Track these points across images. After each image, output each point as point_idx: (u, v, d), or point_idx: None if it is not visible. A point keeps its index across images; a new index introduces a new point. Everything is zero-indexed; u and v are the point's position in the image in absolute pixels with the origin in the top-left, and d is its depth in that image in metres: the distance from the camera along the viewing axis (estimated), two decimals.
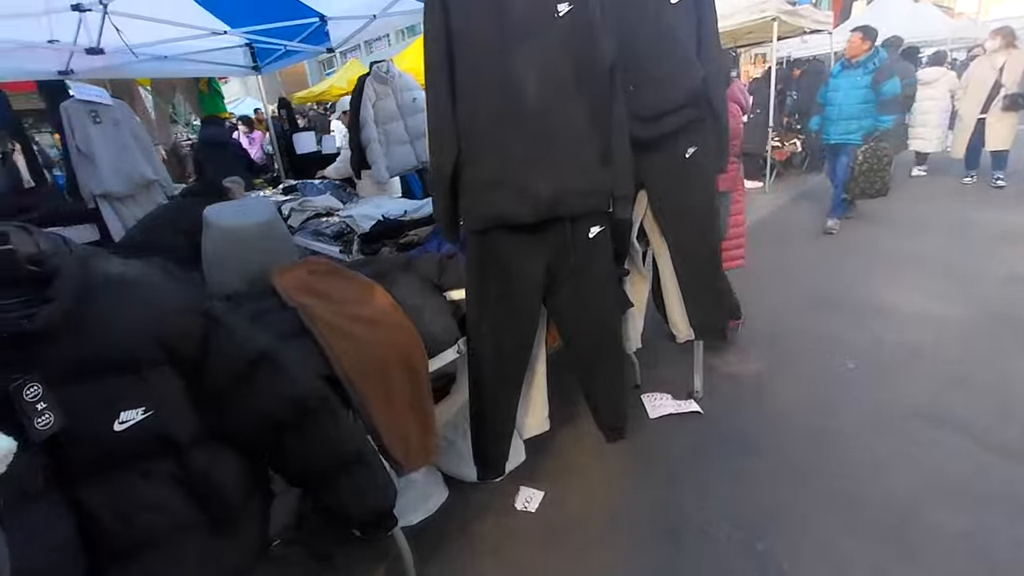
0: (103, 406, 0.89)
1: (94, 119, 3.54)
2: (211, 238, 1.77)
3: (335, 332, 1.30)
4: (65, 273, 0.86)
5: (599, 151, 1.47)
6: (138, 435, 0.91)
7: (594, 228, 1.57)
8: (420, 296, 1.53)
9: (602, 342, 1.74)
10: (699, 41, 1.71)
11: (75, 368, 0.87)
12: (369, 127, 3.40)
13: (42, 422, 0.83)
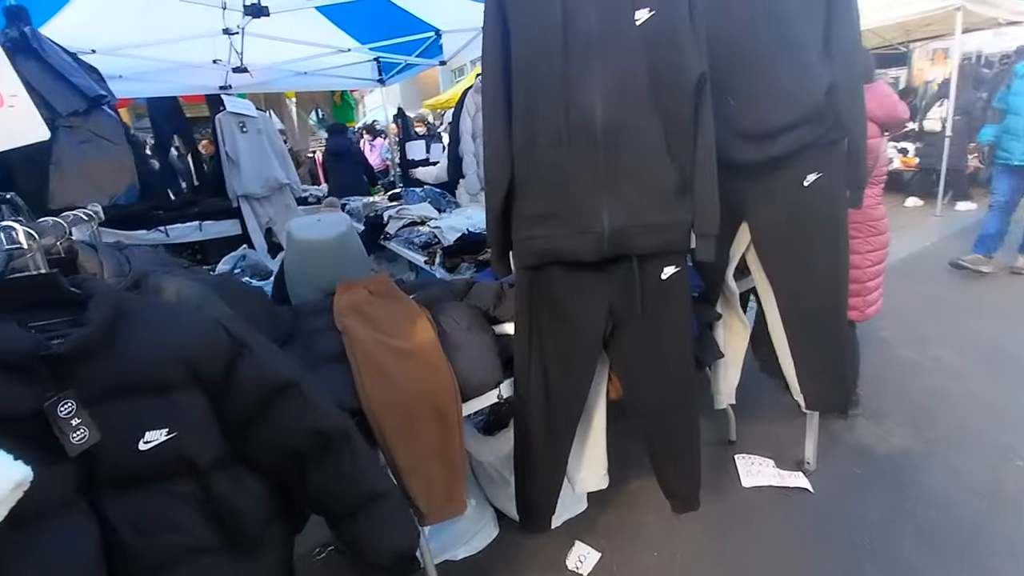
0: (130, 425, 0.91)
1: (241, 128, 4.04)
2: (290, 251, 1.85)
3: (370, 364, 1.25)
4: (98, 298, 0.89)
5: (678, 180, 1.24)
6: (161, 455, 0.92)
7: (668, 268, 1.33)
8: (467, 330, 1.42)
9: (672, 400, 1.49)
10: (827, 39, 1.37)
11: (106, 387, 0.90)
12: (466, 139, 3.42)
13: (77, 437, 0.86)
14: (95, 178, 1.91)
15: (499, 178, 1.26)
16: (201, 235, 4.70)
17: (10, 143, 0.85)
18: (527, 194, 1.26)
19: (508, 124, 1.23)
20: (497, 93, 1.22)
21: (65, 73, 1.78)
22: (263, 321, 1.43)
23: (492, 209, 1.29)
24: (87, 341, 0.86)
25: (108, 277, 1.05)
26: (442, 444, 1.25)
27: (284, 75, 4.53)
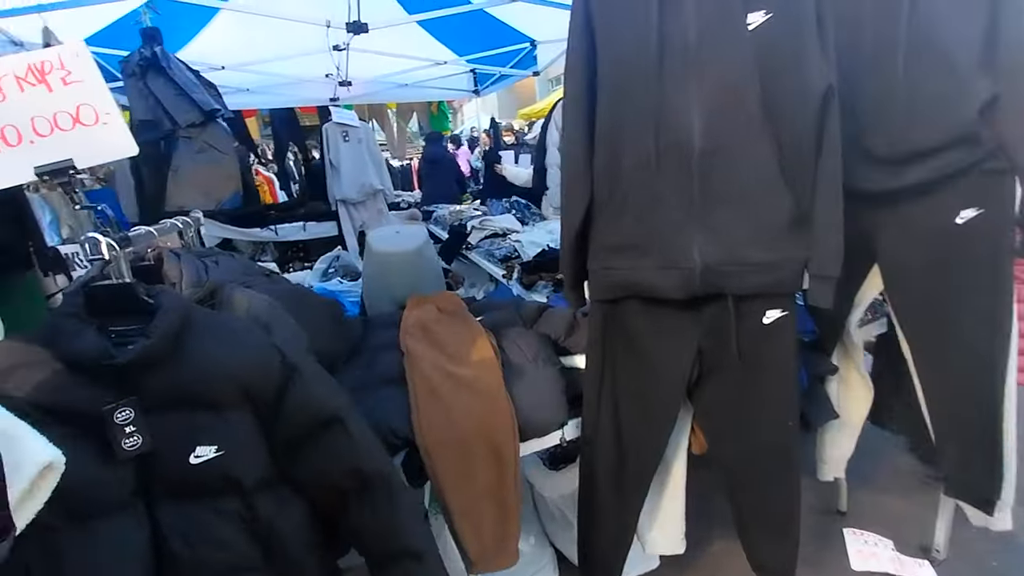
0: (183, 438, 0.93)
1: (344, 137, 4.29)
2: (367, 262, 1.87)
3: (427, 391, 1.19)
4: (164, 311, 0.91)
5: (793, 210, 1.05)
6: (210, 472, 0.93)
7: (772, 312, 1.13)
8: (532, 360, 1.32)
9: (767, 462, 1.27)
10: (989, 39, 1.09)
11: (165, 398, 0.92)
12: (552, 151, 3.32)
13: (129, 443, 0.89)
14: (206, 185, 2.07)
15: (576, 201, 1.14)
16: (305, 235, 5.07)
17: (102, 158, 0.89)
18: (607, 220, 1.13)
19: (590, 142, 1.11)
20: (579, 108, 1.11)
21: (187, 89, 1.96)
22: (330, 334, 1.43)
23: (567, 235, 1.17)
24: (148, 353, 0.88)
25: (186, 286, 1.08)
26: (497, 487, 1.16)
27: (386, 87, 4.76)
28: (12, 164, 0.86)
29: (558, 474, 1.83)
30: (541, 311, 1.60)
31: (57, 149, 0.88)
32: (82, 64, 0.86)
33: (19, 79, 0.83)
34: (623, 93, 1.07)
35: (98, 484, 0.89)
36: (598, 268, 1.17)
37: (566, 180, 1.16)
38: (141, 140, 2.15)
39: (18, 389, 0.86)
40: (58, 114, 0.86)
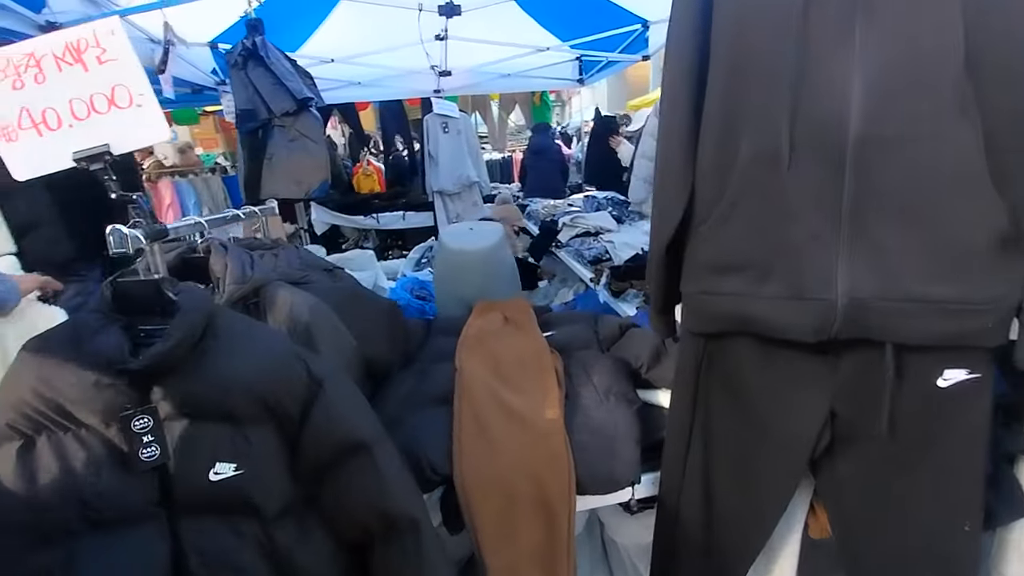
0: (202, 452, 0.86)
1: (444, 129, 4.29)
2: (438, 259, 1.75)
3: (474, 423, 1.02)
4: (184, 314, 0.84)
5: (1001, 227, 0.70)
6: (228, 491, 0.86)
7: (954, 372, 0.79)
8: (603, 396, 1.08)
9: (926, 570, 0.91)
10: None
11: (184, 407, 0.86)
12: (646, 140, 2.96)
13: (146, 454, 0.83)
14: (297, 173, 2.09)
15: (670, 203, 0.87)
16: (404, 224, 5.24)
17: (137, 143, 0.84)
18: (710, 230, 0.85)
19: (693, 126, 0.84)
20: (683, 83, 0.83)
21: (283, 78, 1.98)
22: (385, 339, 1.32)
23: (656, 246, 0.91)
24: (162, 359, 0.80)
25: (229, 282, 1.01)
26: (546, 550, 0.95)
27: (488, 77, 4.67)
28: (52, 149, 0.82)
29: (634, 519, 1.57)
30: (623, 329, 1.35)
31: (94, 134, 0.82)
32: (118, 42, 0.80)
33: (57, 58, 0.79)
34: (745, 58, 0.78)
35: (120, 492, 0.84)
36: (695, 292, 0.89)
37: (659, 175, 0.90)
38: (242, 129, 2.26)
39: (43, 389, 0.83)
40: (95, 96, 0.81)
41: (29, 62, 0.78)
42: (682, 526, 1.01)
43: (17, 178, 0.84)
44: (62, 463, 0.81)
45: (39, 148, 0.82)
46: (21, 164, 0.83)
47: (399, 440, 1.03)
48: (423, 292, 1.93)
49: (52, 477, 0.81)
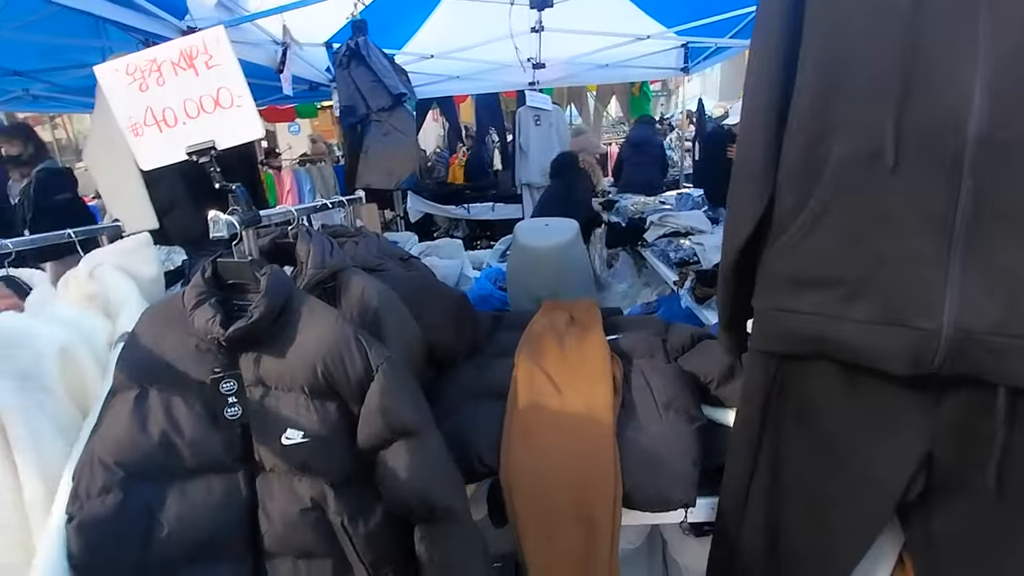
0: (275, 417, 0.96)
1: (535, 122, 4.30)
2: (512, 253, 1.76)
3: (524, 421, 1.01)
4: (266, 293, 0.92)
5: None
6: (296, 456, 0.95)
7: None
8: (662, 408, 1.02)
9: None
10: None
11: (264, 376, 0.96)
12: None
13: (230, 413, 0.94)
14: (389, 165, 2.22)
15: (744, 206, 0.79)
16: (493, 215, 5.35)
17: (235, 140, 0.93)
18: (791, 239, 0.76)
19: (777, 128, 0.75)
20: (766, 77, 0.75)
21: (380, 75, 2.10)
22: (452, 329, 1.36)
23: (728, 254, 0.84)
24: (244, 332, 0.90)
25: (310, 267, 1.10)
26: (583, 557, 0.92)
27: (585, 68, 4.58)
28: (170, 144, 0.94)
29: (698, 542, 1.48)
30: (695, 340, 1.26)
31: (203, 130, 0.93)
32: (222, 49, 0.89)
33: (174, 64, 0.90)
34: (844, 49, 0.68)
35: (209, 444, 0.96)
36: (768, 308, 0.81)
37: (736, 179, 0.82)
38: (343, 124, 2.44)
39: (157, 348, 0.97)
40: (203, 97, 0.91)
41: (152, 67, 0.91)
42: (740, 559, 0.93)
43: (143, 168, 0.98)
44: (166, 413, 0.95)
45: (160, 142, 0.95)
46: (146, 156, 0.97)
47: (453, 428, 1.06)
48: (506, 283, 1.96)
49: (157, 424, 0.94)
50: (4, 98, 3.61)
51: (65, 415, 1.09)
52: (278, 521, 0.97)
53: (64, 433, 1.07)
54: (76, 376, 1.12)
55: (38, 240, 1.32)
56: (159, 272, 1.44)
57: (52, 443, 0.98)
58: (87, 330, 1.19)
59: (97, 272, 1.29)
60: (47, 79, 3.35)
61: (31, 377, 1.07)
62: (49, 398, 1.07)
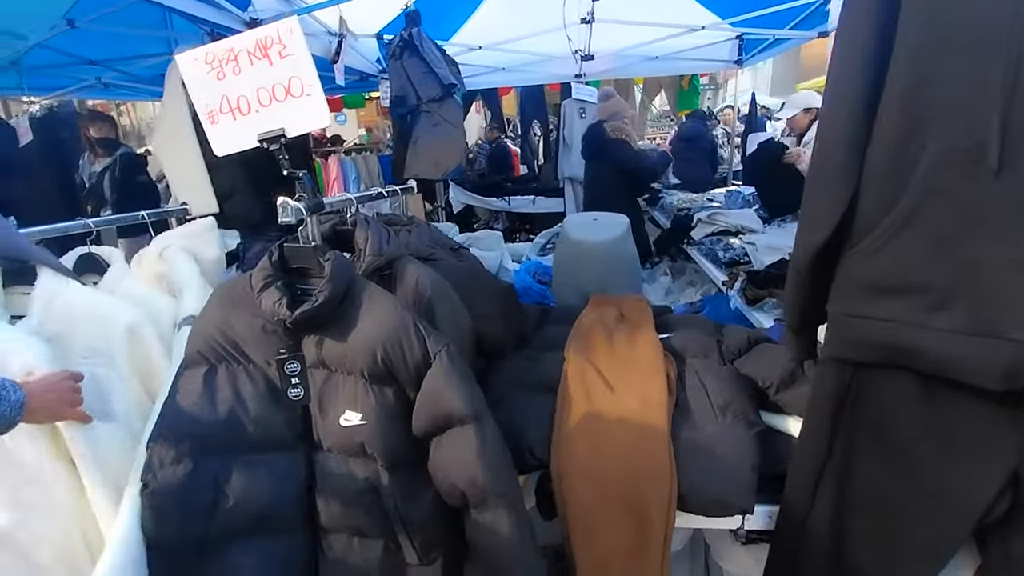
0: (335, 398, 0.99)
1: (580, 114, 4.24)
2: (559, 247, 1.74)
3: (576, 416, 1.01)
4: (330, 278, 0.95)
5: None
6: (354, 437, 0.98)
7: None
8: (720, 411, 0.99)
9: None
10: None
11: (325, 358, 0.99)
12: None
13: (293, 393, 0.98)
14: (436, 156, 2.24)
15: (825, 210, 0.75)
16: (533, 208, 5.33)
17: (304, 128, 0.95)
18: (873, 243, 0.72)
19: (865, 122, 0.71)
20: (854, 66, 0.70)
21: (433, 65, 2.11)
22: (500, 320, 1.36)
23: (802, 254, 0.80)
24: (309, 315, 0.93)
25: (368, 253, 1.12)
26: (634, 554, 0.91)
27: (634, 60, 4.47)
28: (243, 131, 0.98)
29: (744, 549, 1.44)
30: (752, 342, 1.22)
31: (273, 118, 0.96)
32: (295, 39, 0.91)
33: (250, 53, 0.93)
34: (945, 36, 0.64)
35: (272, 421, 1.00)
36: (844, 314, 0.77)
37: (813, 177, 0.78)
38: (394, 115, 2.47)
39: (226, 327, 1.01)
40: (275, 86, 0.94)
41: (229, 56, 0.94)
42: (801, 570, 0.90)
43: (217, 154, 1.02)
44: (233, 390, 0.99)
45: (233, 130, 0.99)
46: (220, 143, 1.00)
47: (503, 420, 1.07)
48: (545, 277, 1.95)
49: (225, 400, 0.99)
50: (78, 86, 3.84)
51: (129, 391, 1.16)
52: (334, 499, 1.00)
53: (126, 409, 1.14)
54: (142, 354, 1.18)
55: (117, 220, 1.40)
56: (221, 254, 1.51)
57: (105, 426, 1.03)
58: (155, 310, 1.25)
59: (166, 253, 1.36)
60: (118, 68, 3.54)
61: (99, 353, 1.14)
62: (114, 374, 1.14)
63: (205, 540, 0.98)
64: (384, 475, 0.97)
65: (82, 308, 1.10)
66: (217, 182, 2.11)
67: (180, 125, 2.09)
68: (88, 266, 1.28)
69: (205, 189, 2.13)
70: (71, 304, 1.09)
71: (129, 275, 1.29)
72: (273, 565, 1.01)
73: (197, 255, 1.40)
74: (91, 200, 3.74)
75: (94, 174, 3.83)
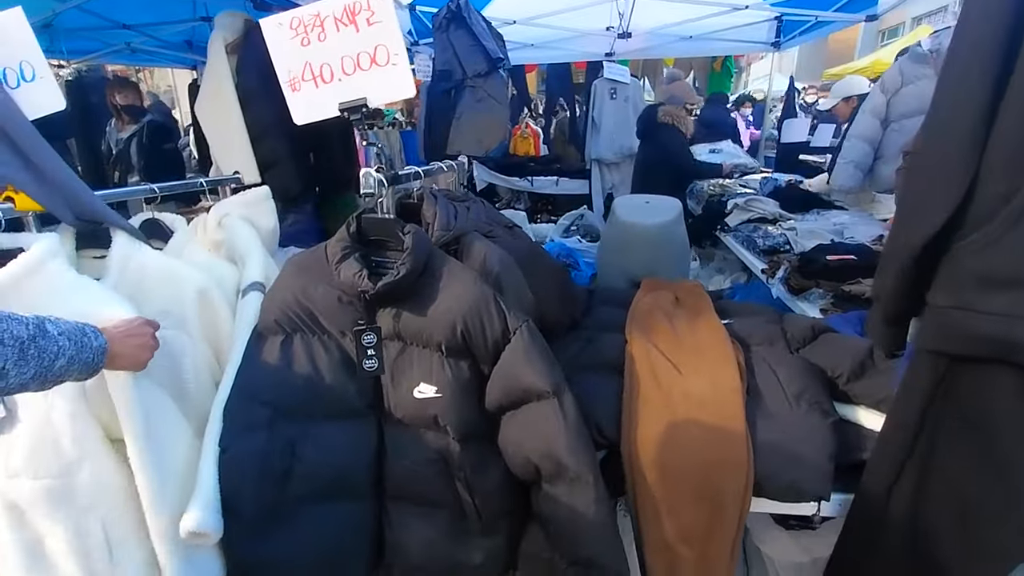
0: (411, 371, 1.00)
1: (611, 95, 4.15)
2: (609, 229, 1.73)
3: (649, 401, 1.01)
4: (412, 251, 0.95)
5: None
6: (427, 409, 0.99)
7: None
8: (792, 400, 0.99)
9: None
10: None
11: (402, 331, 0.99)
12: (865, 121, 2.51)
13: (368, 364, 0.99)
14: (480, 132, 2.20)
15: (938, 196, 0.73)
16: (556, 189, 5.27)
17: (389, 97, 0.94)
18: (994, 234, 0.70)
19: (991, 102, 0.69)
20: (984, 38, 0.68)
21: (480, 38, 2.07)
22: (556, 301, 1.36)
23: (905, 244, 0.78)
24: (391, 287, 0.93)
25: (436, 228, 1.11)
26: (705, 535, 0.92)
27: (667, 40, 4.36)
28: (324, 99, 0.96)
29: (787, 534, 1.45)
30: (817, 332, 1.21)
31: (356, 87, 0.95)
32: (384, 5, 0.89)
33: (337, 20, 0.91)
34: None
35: (346, 391, 1.01)
36: (948, 306, 0.75)
37: (923, 160, 0.76)
38: (436, 90, 2.43)
39: (303, 296, 1.01)
40: (360, 54, 0.92)
41: (315, 22, 0.92)
42: (874, 561, 0.90)
43: (297, 122, 1.01)
44: (309, 359, 1.00)
45: (315, 98, 0.97)
46: (301, 110, 0.99)
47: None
48: (569, 259, 1.94)
49: (300, 369, 1.00)
50: (106, 50, 3.80)
51: (199, 354, 1.17)
52: (403, 469, 1.02)
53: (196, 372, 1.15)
54: (210, 318, 1.19)
55: (176, 186, 1.39)
56: (276, 224, 1.51)
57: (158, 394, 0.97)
58: (219, 275, 1.26)
59: (225, 221, 1.36)
60: (148, 32, 3.50)
61: (172, 315, 1.16)
62: (186, 337, 1.15)
63: (278, 504, 1.00)
64: (455, 447, 0.99)
65: (155, 271, 1.11)
66: (260, 152, 2.10)
67: (223, 93, 2.07)
68: (152, 231, 1.28)
69: (247, 159, 2.12)
70: (144, 267, 1.10)
71: (192, 241, 1.29)
72: (341, 529, 1.04)
73: (255, 224, 1.40)
74: (118, 166, 3.74)
75: (121, 140, 3.82)
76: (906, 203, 0.79)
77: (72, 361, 0.73)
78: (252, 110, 1.92)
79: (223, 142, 2.12)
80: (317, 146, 2.20)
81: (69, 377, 0.75)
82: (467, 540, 1.05)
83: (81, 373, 0.76)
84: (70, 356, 0.72)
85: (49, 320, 0.73)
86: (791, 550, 1.42)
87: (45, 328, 0.70)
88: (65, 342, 0.72)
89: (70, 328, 0.74)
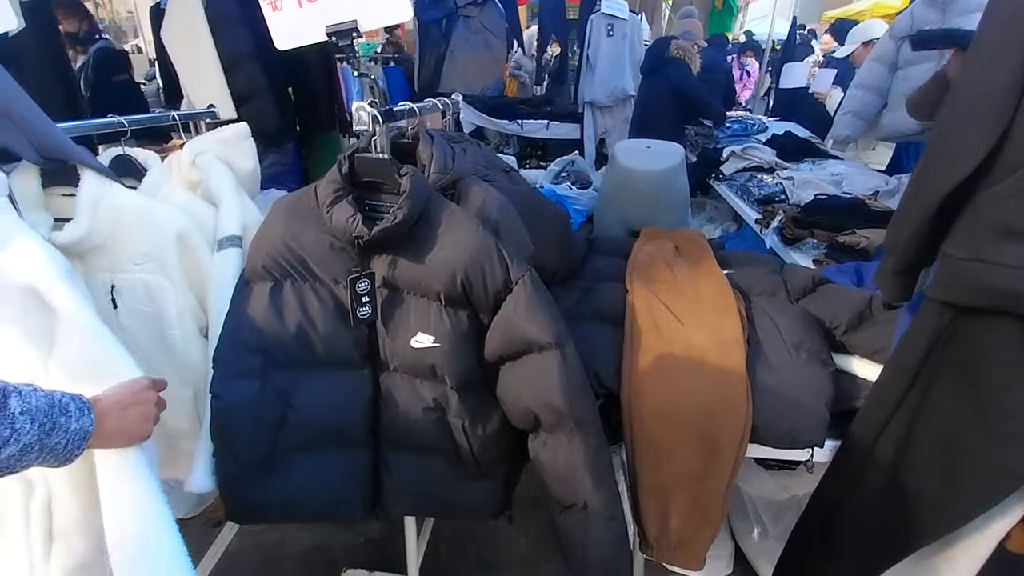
0: (407, 320, 0.97)
1: (608, 32, 3.91)
2: (608, 175, 1.67)
3: (649, 351, 1.00)
4: (409, 195, 0.89)
5: None
6: (424, 358, 0.97)
7: None
8: (792, 349, 0.99)
9: None
10: None
11: (398, 278, 0.95)
12: (872, 67, 2.42)
13: (362, 312, 0.95)
14: (475, 69, 2.08)
15: (969, 143, 0.70)
16: (547, 134, 5.06)
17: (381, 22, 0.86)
18: (1019, 182, 0.68)
19: None
20: None
21: None
22: (556, 248, 1.33)
23: (926, 194, 0.75)
24: (388, 233, 0.88)
25: (433, 171, 1.05)
26: (700, 481, 0.95)
27: None
28: (309, 22, 0.87)
29: (769, 474, 1.52)
30: (816, 283, 1.21)
31: (345, 10, 0.85)
32: None
33: None
34: None
35: (339, 339, 0.98)
36: (964, 257, 0.74)
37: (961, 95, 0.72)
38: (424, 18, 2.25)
39: (293, 241, 0.96)
40: None
41: None
42: (856, 497, 0.94)
43: (278, 47, 0.91)
44: (300, 307, 0.96)
45: (298, 19, 0.88)
46: (283, 34, 0.90)
47: None
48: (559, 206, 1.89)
49: (291, 317, 0.96)
50: None
51: (184, 301, 1.12)
52: (399, 418, 1.01)
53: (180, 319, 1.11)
54: (192, 262, 1.13)
55: (145, 120, 1.28)
56: (256, 165, 1.41)
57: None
58: (201, 218, 1.18)
59: (200, 160, 1.26)
60: None
61: (151, 259, 1.09)
62: (167, 282, 1.10)
63: (272, 451, 0.99)
64: (453, 396, 0.98)
65: (131, 213, 1.03)
66: (234, 84, 1.95)
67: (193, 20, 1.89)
68: (123, 170, 1.19)
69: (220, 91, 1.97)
70: (118, 208, 1.02)
71: (169, 181, 1.21)
72: (336, 476, 1.04)
73: (232, 164, 1.31)
74: None
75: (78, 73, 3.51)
76: (939, 149, 0.75)
77: (28, 450, 0.56)
78: (225, 35, 1.77)
79: (193, 72, 1.96)
80: (297, 80, 2.05)
81: (24, 468, 0.58)
82: (464, 483, 1.06)
83: (46, 463, 0.60)
84: (25, 444, 0.56)
85: (17, 392, 0.56)
86: (770, 488, 1.49)
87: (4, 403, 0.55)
88: (25, 424, 0.56)
89: (42, 404, 0.58)
